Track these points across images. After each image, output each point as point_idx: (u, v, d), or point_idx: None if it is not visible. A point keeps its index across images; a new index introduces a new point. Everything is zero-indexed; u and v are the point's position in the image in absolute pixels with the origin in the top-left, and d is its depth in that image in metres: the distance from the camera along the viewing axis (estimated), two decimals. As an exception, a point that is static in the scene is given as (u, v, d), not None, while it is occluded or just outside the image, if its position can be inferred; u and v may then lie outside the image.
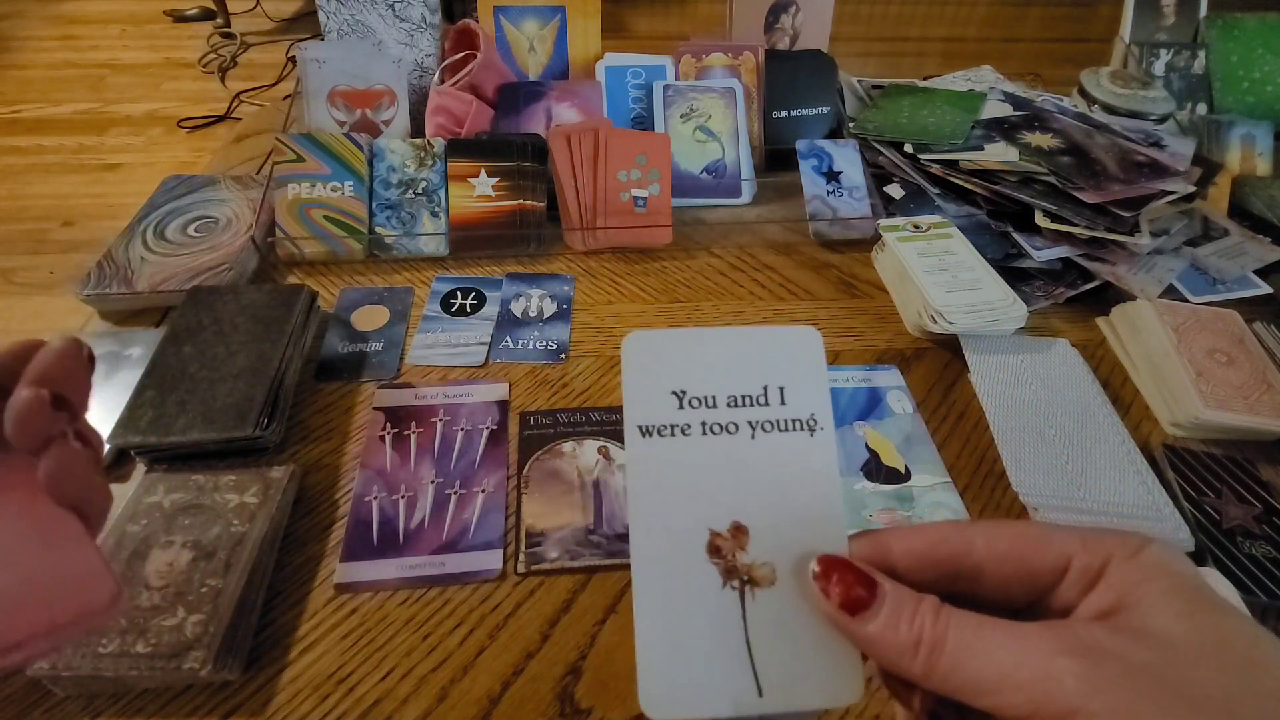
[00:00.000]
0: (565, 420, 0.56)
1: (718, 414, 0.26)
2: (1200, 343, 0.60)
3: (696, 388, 0.26)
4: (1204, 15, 0.97)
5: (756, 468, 0.26)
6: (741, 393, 0.27)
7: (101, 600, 0.29)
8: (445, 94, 0.77)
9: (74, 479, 0.31)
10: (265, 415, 0.51)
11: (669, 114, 0.81)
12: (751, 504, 0.25)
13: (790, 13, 0.93)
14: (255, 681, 0.41)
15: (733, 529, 0.25)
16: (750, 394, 0.27)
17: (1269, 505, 0.51)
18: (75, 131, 0.97)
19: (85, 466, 0.31)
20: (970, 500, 0.52)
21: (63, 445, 0.30)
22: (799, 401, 0.27)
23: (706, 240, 0.77)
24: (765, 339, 0.28)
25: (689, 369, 0.27)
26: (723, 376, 0.27)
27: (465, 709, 0.40)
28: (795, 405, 0.27)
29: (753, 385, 0.27)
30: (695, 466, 0.26)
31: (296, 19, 1.34)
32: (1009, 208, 0.72)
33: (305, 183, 0.70)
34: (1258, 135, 0.88)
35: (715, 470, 0.26)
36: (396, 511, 0.49)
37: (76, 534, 0.30)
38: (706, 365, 0.27)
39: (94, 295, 0.63)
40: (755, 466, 0.26)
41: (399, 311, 0.65)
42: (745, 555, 0.25)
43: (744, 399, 0.27)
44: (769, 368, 0.27)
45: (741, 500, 0.26)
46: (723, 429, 0.26)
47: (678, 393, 0.26)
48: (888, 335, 0.66)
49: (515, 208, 0.71)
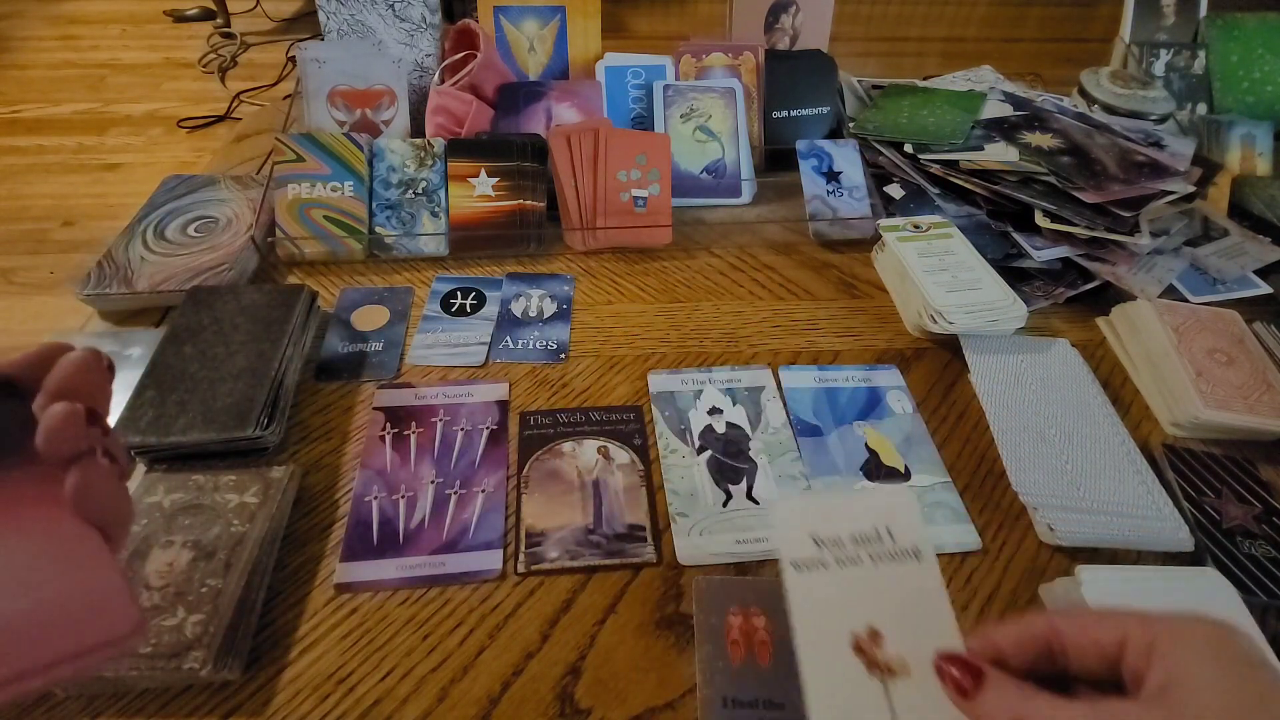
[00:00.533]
0: (565, 420, 0.56)
1: (844, 550, 0.36)
2: (1200, 343, 0.60)
3: (828, 533, 0.37)
4: (1204, 15, 0.97)
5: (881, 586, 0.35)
6: (860, 534, 0.37)
7: (123, 628, 0.27)
8: (445, 94, 0.77)
9: (101, 496, 0.30)
10: (265, 415, 0.51)
11: (669, 114, 0.81)
12: (882, 613, 0.35)
13: (790, 13, 0.93)
14: (255, 681, 0.41)
15: (870, 632, 0.34)
16: (866, 534, 0.37)
17: (1269, 505, 0.51)
18: (75, 131, 0.97)
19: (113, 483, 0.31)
20: (970, 500, 0.52)
21: (91, 461, 0.30)
22: (904, 538, 0.37)
23: (706, 240, 0.77)
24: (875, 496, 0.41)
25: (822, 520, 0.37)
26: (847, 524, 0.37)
27: (465, 709, 0.40)
28: (901, 540, 0.37)
29: (868, 528, 0.37)
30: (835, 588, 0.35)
31: (296, 19, 1.34)
32: (1009, 208, 0.72)
33: (305, 183, 0.70)
34: (1258, 135, 0.88)
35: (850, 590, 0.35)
36: (396, 511, 0.49)
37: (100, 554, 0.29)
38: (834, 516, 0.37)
39: (94, 295, 0.63)
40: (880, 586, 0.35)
41: (399, 311, 0.65)
42: (882, 652, 0.33)
43: (862, 538, 0.37)
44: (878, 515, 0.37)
45: (873, 611, 0.35)
46: (851, 561, 0.36)
47: (815, 538, 0.37)
48: (888, 335, 0.66)
49: (515, 208, 0.71)
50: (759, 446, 0.55)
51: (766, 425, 0.56)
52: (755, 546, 0.48)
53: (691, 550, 0.48)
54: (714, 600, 0.44)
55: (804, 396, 0.59)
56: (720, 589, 0.44)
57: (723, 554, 0.47)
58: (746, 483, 0.52)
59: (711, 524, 0.49)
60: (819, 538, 0.37)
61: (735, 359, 0.62)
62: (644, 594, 0.46)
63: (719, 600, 0.44)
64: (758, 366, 0.61)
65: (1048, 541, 0.49)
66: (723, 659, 0.41)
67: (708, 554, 0.47)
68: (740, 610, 0.43)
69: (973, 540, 0.49)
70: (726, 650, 0.41)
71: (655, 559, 0.47)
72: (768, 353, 0.63)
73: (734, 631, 0.42)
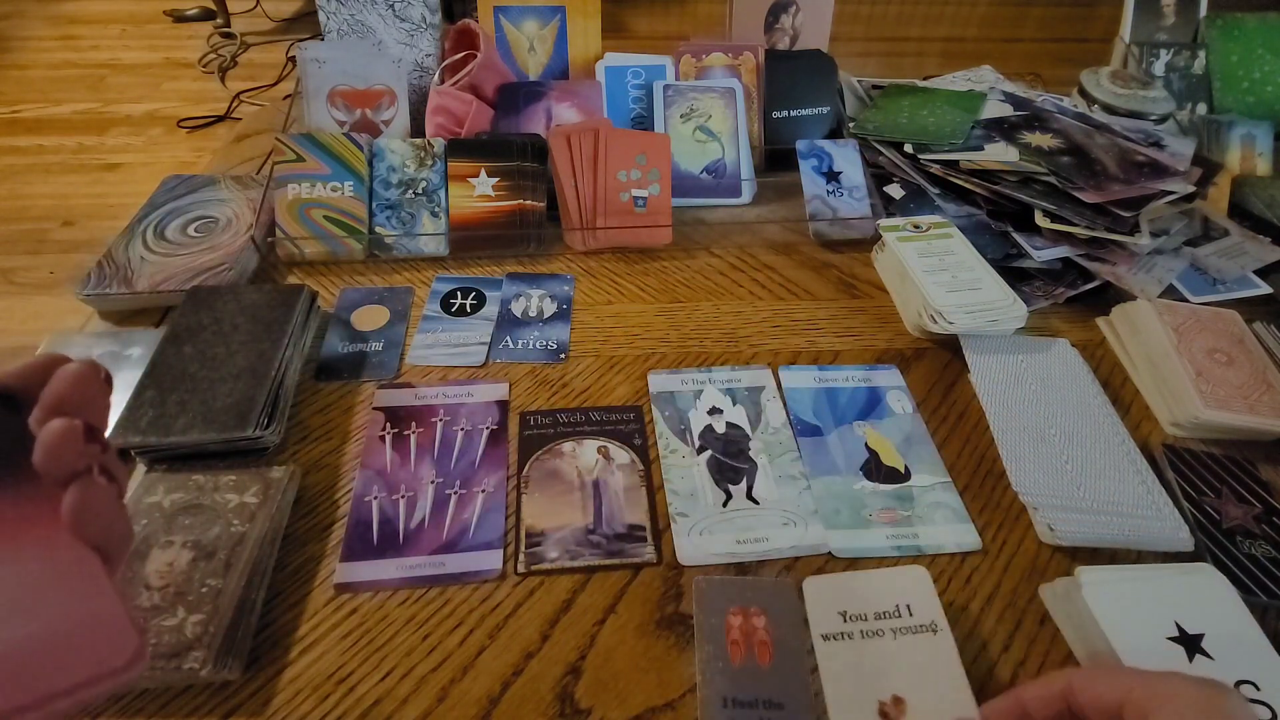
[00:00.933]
0: (565, 420, 0.56)
1: (868, 624, 0.41)
2: (1200, 343, 0.60)
3: (854, 608, 0.42)
4: (1204, 15, 0.97)
5: (901, 658, 0.40)
6: (882, 610, 0.42)
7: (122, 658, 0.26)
8: (445, 94, 0.77)
9: (99, 516, 0.29)
10: (265, 415, 0.51)
11: (669, 114, 0.81)
12: (903, 682, 0.39)
13: (790, 13, 0.93)
14: (255, 681, 0.41)
15: (893, 700, 0.38)
16: (887, 610, 0.42)
17: (1269, 505, 0.51)
18: (75, 131, 0.97)
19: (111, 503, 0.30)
20: (970, 500, 0.52)
21: (88, 480, 0.28)
22: (921, 613, 0.42)
23: (706, 240, 0.77)
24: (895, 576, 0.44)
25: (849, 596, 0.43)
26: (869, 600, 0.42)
27: (465, 709, 0.40)
28: (919, 615, 0.41)
29: (889, 604, 0.42)
30: (860, 657, 0.40)
31: (296, 19, 1.34)
32: (1009, 208, 0.72)
33: (305, 183, 0.70)
34: (1258, 135, 0.88)
35: (873, 660, 0.40)
36: (396, 511, 0.49)
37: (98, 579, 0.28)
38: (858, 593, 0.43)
39: (94, 295, 0.63)
40: (900, 657, 0.40)
41: (399, 311, 0.65)
42: (906, 718, 0.37)
43: (884, 614, 0.42)
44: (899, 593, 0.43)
45: (895, 680, 0.39)
46: (873, 634, 0.41)
47: (841, 613, 0.42)
48: (888, 335, 0.66)
49: (515, 208, 0.71)
50: (759, 446, 0.55)
51: (766, 425, 0.56)
52: (755, 547, 0.48)
53: (691, 550, 0.48)
54: (714, 600, 0.44)
55: (804, 396, 0.59)
56: (720, 589, 0.44)
57: (723, 554, 0.47)
58: (747, 483, 0.52)
59: (711, 524, 0.49)
60: (845, 613, 0.42)
61: (735, 359, 0.62)
62: (644, 594, 0.46)
63: (719, 600, 0.44)
64: (758, 366, 0.61)
65: (1048, 541, 0.49)
66: (723, 659, 0.41)
67: (708, 554, 0.47)
68: (740, 610, 0.43)
69: (973, 540, 0.49)
70: (726, 650, 0.41)
71: (655, 559, 0.47)
72: (768, 353, 0.63)
73: (734, 631, 0.42)
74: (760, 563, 0.47)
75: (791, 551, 0.48)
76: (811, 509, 0.50)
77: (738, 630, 0.42)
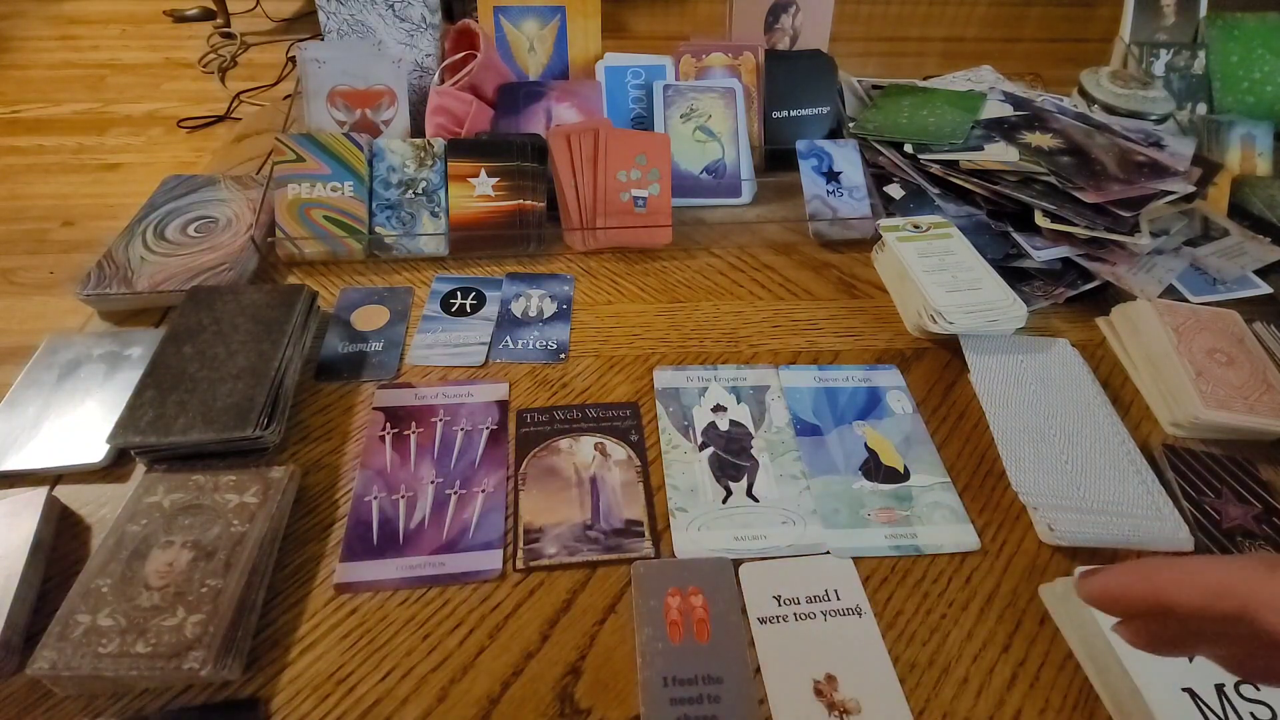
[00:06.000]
0: (561, 417, 0.56)
1: (801, 607, 0.44)
2: (1200, 343, 0.60)
3: (787, 592, 0.45)
4: (1204, 15, 0.97)
5: (831, 638, 0.43)
6: (812, 594, 0.45)
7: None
8: (445, 94, 0.77)
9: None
10: (265, 415, 0.51)
11: (669, 114, 0.81)
12: (835, 661, 0.41)
13: (790, 13, 0.93)
14: (255, 681, 0.41)
15: (826, 677, 0.41)
16: (817, 594, 0.45)
17: (1269, 505, 0.51)
18: (75, 131, 0.97)
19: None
20: (970, 500, 0.52)
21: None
22: (847, 597, 0.45)
23: (706, 240, 0.77)
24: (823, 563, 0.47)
25: (781, 582, 0.45)
26: (800, 585, 0.45)
27: (465, 709, 0.40)
28: (845, 599, 0.45)
29: (818, 589, 0.45)
30: (794, 639, 0.42)
31: (296, 19, 1.34)
32: (1009, 208, 0.72)
33: (305, 183, 0.70)
34: (1258, 135, 0.88)
35: (806, 641, 0.42)
36: (396, 511, 0.49)
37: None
38: (790, 579, 0.45)
39: (94, 295, 0.63)
40: (830, 638, 0.43)
41: (399, 311, 0.65)
42: (838, 694, 0.40)
43: (814, 597, 0.45)
44: (826, 577, 0.46)
45: (828, 659, 0.42)
46: (805, 616, 0.44)
47: (775, 596, 0.45)
48: (888, 335, 0.66)
49: (515, 208, 0.71)
50: (761, 445, 0.55)
51: (770, 424, 0.56)
52: (753, 543, 0.48)
53: (690, 545, 0.48)
54: (651, 583, 0.45)
55: (804, 396, 0.59)
56: (658, 571, 0.46)
57: (721, 549, 0.47)
58: (747, 480, 0.52)
59: (710, 520, 0.49)
60: (779, 597, 0.44)
61: (735, 359, 0.62)
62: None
63: (656, 582, 0.45)
64: (764, 366, 0.61)
65: (1047, 541, 0.49)
66: (662, 640, 0.42)
67: (706, 549, 0.47)
68: (677, 591, 0.44)
69: (972, 540, 0.49)
70: (665, 631, 0.42)
71: (653, 554, 0.47)
72: (768, 353, 0.63)
73: (672, 612, 0.43)
74: (759, 560, 0.47)
75: (789, 550, 0.48)
76: (810, 508, 0.50)
77: (676, 610, 0.43)
